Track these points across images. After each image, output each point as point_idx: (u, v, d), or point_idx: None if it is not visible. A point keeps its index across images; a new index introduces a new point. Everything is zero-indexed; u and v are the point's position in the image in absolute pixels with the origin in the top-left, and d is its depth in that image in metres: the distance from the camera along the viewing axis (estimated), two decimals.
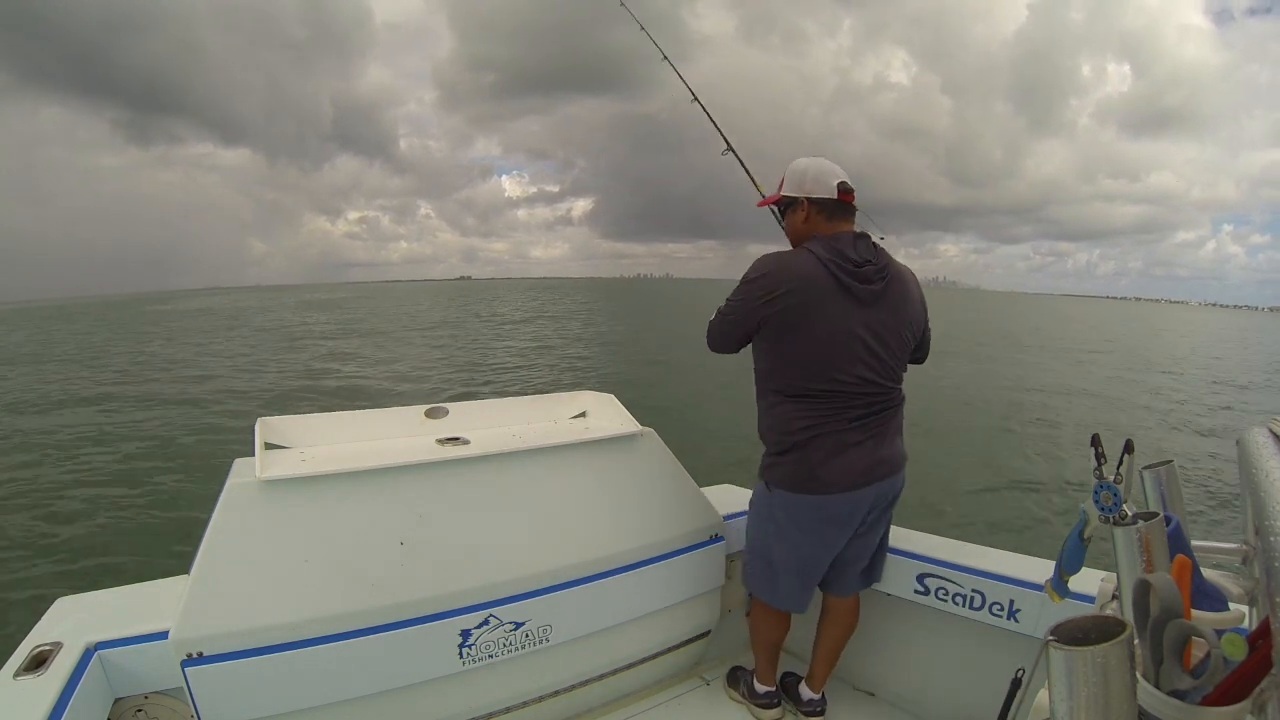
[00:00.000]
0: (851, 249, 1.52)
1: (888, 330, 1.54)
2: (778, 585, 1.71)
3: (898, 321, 1.56)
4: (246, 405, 10.44)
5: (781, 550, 1.67)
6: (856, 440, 1.54)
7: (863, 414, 1.54)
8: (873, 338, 1.52)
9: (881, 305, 1.53)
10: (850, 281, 1.49)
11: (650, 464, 1.86)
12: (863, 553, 1.72)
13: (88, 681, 1.19)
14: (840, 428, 1.53)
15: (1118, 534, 0.73)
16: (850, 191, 1.57)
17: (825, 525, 1.61)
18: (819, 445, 1.54)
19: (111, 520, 5.47)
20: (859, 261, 1.51)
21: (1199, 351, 28.03)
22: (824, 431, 1.54)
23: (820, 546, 1.64)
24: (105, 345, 22.44)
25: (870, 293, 1.51)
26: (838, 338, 1.50)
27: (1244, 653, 0.51)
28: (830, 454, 1.54)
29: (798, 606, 1.73)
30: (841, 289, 1.49)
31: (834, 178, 1.56)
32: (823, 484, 1.55)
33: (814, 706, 1.80)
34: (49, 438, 8.43)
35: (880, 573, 1.80)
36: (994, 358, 17.58)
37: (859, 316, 1.51)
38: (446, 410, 1.90)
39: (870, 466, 1.56)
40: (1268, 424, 0.66)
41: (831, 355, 1.50)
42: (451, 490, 1.55)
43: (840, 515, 1.59)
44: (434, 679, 1.51)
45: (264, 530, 1.37)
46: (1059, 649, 0.48)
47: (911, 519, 1.84)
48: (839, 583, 1.75)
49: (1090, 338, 31.29)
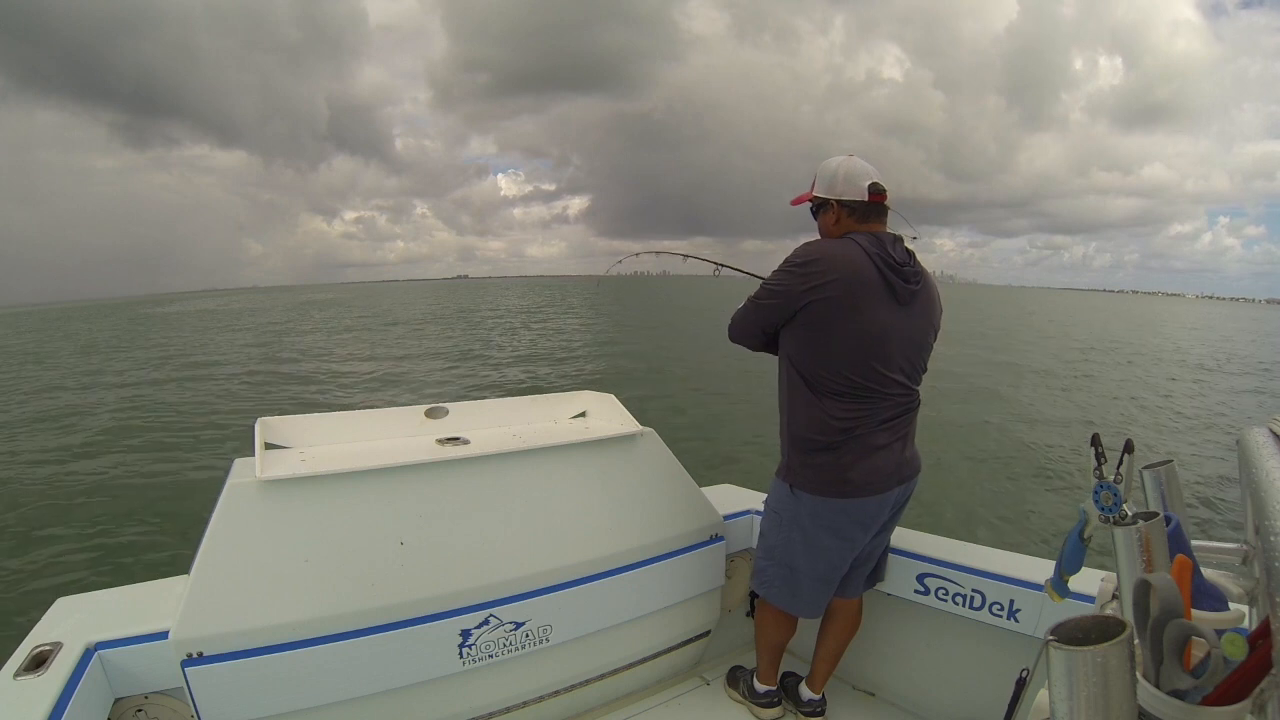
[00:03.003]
0: (891, 245, 1.51)
1: (919, 332, 1.55)
2: (800, 592, 1.68)
3: (927, 325, 1.57)
4: (247, 405, 10.44)
5: (808, 557, 1.63)
6: (884, 443, 1.53)
7: (891, 416, 1.53)
8: (908, 339, 1.52)
9: (915, 307, 1.53)
10: (895, 279, 1.48)
11: (650, 464, 1.86)
12: (874, 555, 1.72)
13: (88, 681, 1.19)
14: (872, 429, 1.51)
15: (1118, 534, 0.73)
16: (882, 192, 1.54)
17: (853, 529, 1.59)
18: (853, 447, 1.51)
19: (112, 520, 5.46)
20: (901, 261, 1.50)
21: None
22: (860, 432, 1.51)
23: (847, 551, 1.63)
24: (105, 345, 22.45)
25: (910, 293, 1.50)
26: (882, 335, 1.48)
27: (1244, 653, 0.51)
28: (862, 456, 1.52)
29: (817, 612, 1.72)
30: (887, 286, 1.48)
31: (865, 179, 1.53)
32: (855, 486, 1.53)
33: (814, 707, 1.80)
34: (49, 437, 8.43)
35: (884, 573, 1.80)
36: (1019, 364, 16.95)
37: (899, 315, 1.50)
38: (446, 410, 1.90)
39: (896, 469, 1.55)
40: (1268, 424, 0.66)
41: (875, 352, 1.48)
42: (451, 490, 1.55)
43: (867, 519, 1.58)
44: (434, 679, 1.51)
45: (264, 530, 1.37)
46: (1059, 649, 0.48)
47: (912, 519, 1.84)
48: (848, 585, 1.74)
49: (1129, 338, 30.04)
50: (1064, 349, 21.11)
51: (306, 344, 21.38)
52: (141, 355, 18.84)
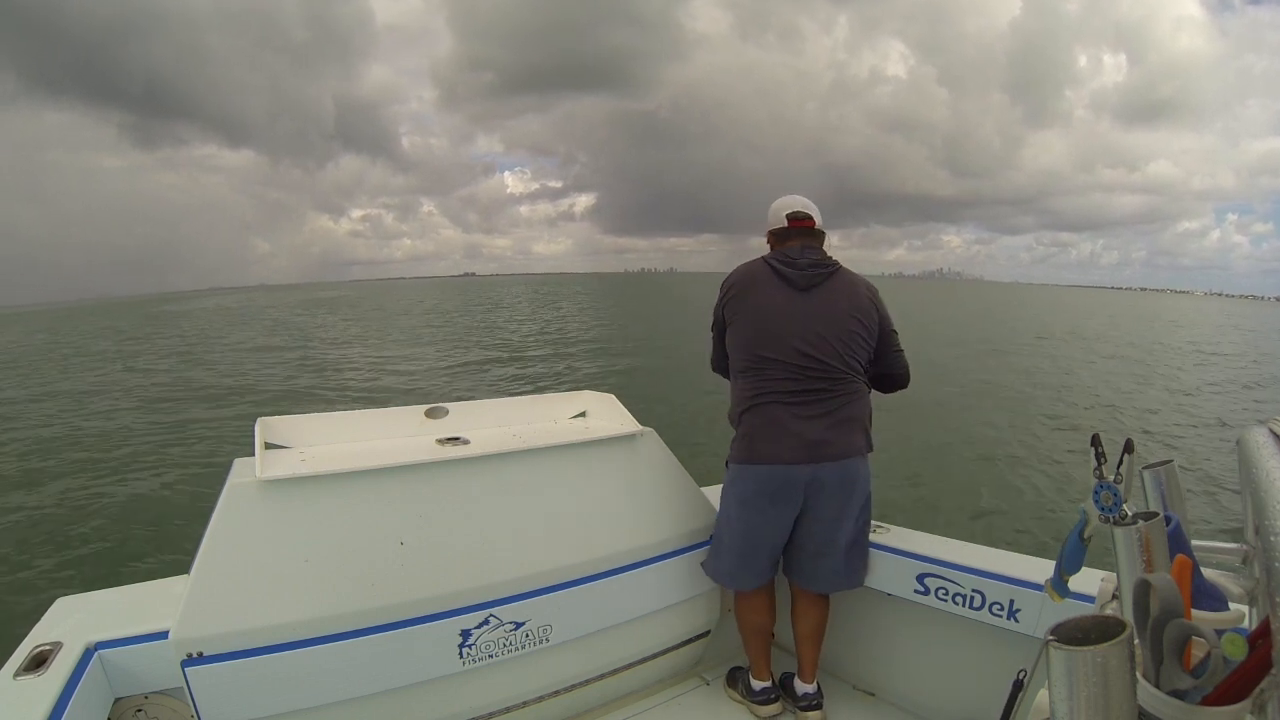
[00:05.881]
0: (795, 251, 1.73)
1: (828, 313, 1.67)
2: (721, 559, 1.79)
3: (840, 309, 1.68)
4: (247, 405, 10.44)
5: (727, 526, 1.76)
6: (799, 415, 1.63)
7: (804, 390, 1.64)
8: (811, 316, 1.66)
9: (822, 292, 1.69)
10: (786, 270, 1.71)
11: (650, 464, 1.86)
12: (822, 542, 1.72)
13: (88, 681, 1.19)
14: (779, 400, 1.64)
15: (1118, 534, 0.73)
16: (802, 218, 1.77)
17: (762, 498, 1.68)
18: (758, 416, 1.66)
19: (112, 520, 5.47)
20: (796, 257, 1.71)
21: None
22: (763, 402, 1.66)
23: (759, 522, 1.70)
24: (105, 345, 22.45)
25: (805, 278, 1.68)
26: (771, 312, 1.69)
27: (1244, 653, 0.51)
28: (767, 424, 1.65)
29: (739, 584, 1.79)
30: (778, 276, 1.71)
31: (786, 209, 1.78)
32: (760, 455, 1.65)
33: (810, 700, 1.79)
34: (49, 438, 8.43)
35: (858, 579, 1.79)
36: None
37: (795, 298, 1.67)
38: (446, 410, 1.90)
39: (812, 444, 1.62)
40: (1268, 424, 0.66)
41: (766, 327, 1.67)
42: (451, 490, 1.55)
43: (777, 489, 1.66)
44: (434, 679, 1.51)
45: (264, 530, 1.37)
46: (1059, 649, 0.48)
47: (912, 519, 1.84)
48: (797, 571, 1.78)
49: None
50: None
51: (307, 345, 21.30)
52: (142, 354, 18.83)
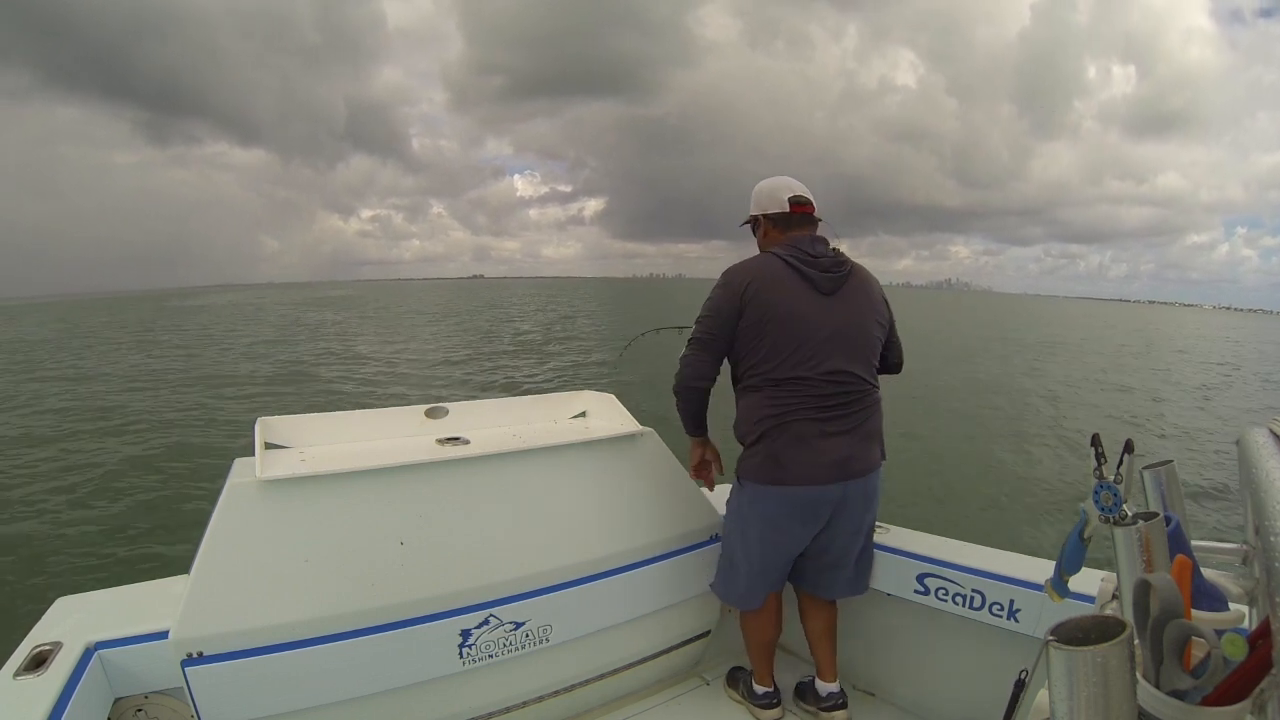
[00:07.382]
0: (809, 245, 1.59)
1: (854, 320, 1.58)
2: (736, 583, 1.73)
3: (862, 312, 1.60)
4: (246, 405, 10.44)
5: (744, 547, 1.67)
6: (827, 432, 1.54)
7: (835, 405, 1.55)
8: (840, 326, 1.56)
9: (844, 294, 1.58)
10: (809, 270, 1.55)
11: (650, 464, 1.86)
12: (838, 555, 1.70)
13: (88, 681, 1.19)
14: (809, 416, 1.54)
15: (1118, 534, 0.73)
16: (804, 203, 1.63)
17: (789, 520, 1.60)
18: (785, 436, 1.55)
19: (112, 520, 5.46)
20: (815, 254, 1.57)
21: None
22: (791, 420, 1.54)
23: (782, 542, 1.65)
24: (105, 345, 22.43)
25: (829, 280, 1.57)
26: (804, 323, 1.54)
27: (1244, 653, 0.51)
28: (797, 443, 1.54)
29: (752, 605, 1.75)
30: (802, 278, 1.55)
31: (785, 192, 1.63)
32: (790, 475, 1.55)
33: (834, 700, 1.76)
34: (48, 438, 8.42)
35: (865, 584, 1.78)
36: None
37: (822, 304, 1.56)
38: (446, 410, 1.90)
39: (841, 461, 1.55)
40: (1268, 424, 0.66)
41: (799, 341, 1.54)
42: (451, 490, 1.55)
43: (805, 510, 1.59)
44: (434, 679, 1.51)
45: (264, 530, 1.37)
46: (1059, 649, 0.48)
47: (912, 519, 1.84)
48: (810, 580, 1.75)
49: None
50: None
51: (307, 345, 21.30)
52: (142, 353, 18.81)
